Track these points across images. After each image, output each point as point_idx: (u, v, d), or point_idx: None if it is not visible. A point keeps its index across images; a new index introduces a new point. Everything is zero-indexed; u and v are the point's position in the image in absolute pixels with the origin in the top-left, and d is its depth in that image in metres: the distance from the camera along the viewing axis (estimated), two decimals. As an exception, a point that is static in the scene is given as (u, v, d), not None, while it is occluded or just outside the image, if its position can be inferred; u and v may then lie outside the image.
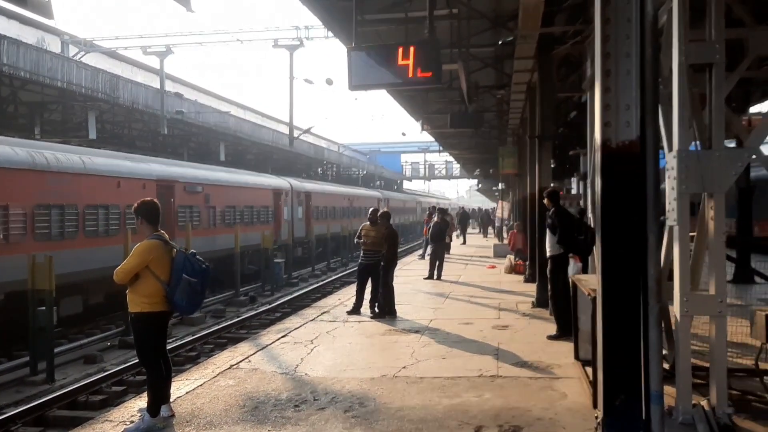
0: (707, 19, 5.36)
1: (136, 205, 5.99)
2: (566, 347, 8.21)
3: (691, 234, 5.41)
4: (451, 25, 11.76)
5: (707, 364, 5.54)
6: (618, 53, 4.31)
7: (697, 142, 5.59)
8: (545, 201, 9.97)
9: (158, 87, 24.30)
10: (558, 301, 9.44)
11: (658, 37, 5.12)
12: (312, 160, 46.71)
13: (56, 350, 12.56)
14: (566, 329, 8.88)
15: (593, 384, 5.61)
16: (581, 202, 14.15)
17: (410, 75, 8.43)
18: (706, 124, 5.40)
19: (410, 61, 8.42)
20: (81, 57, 25.12)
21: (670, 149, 5.34)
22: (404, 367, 7.74)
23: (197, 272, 5.84)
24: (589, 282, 6.34)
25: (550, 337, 9.16)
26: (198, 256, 5.98)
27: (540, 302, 11.74)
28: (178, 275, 5.76)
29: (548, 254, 9.75)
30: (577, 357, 7.59)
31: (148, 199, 6.11)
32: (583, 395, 6.33)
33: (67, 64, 18.95)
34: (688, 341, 5.25)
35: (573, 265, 11.37)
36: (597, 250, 4.52)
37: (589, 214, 11.12)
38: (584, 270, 11.48)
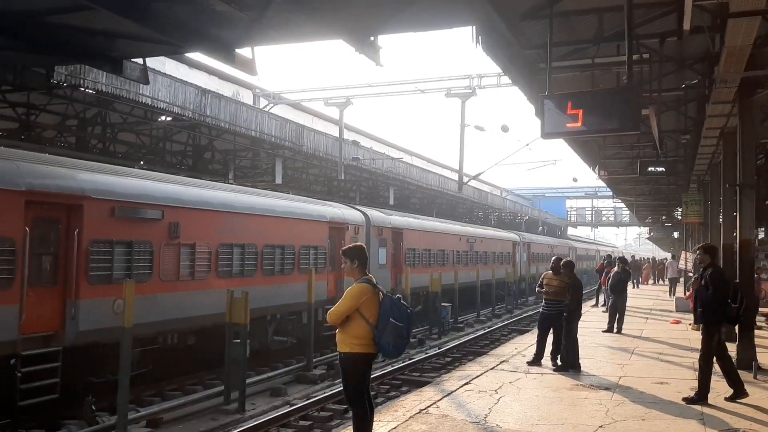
0: None
1: (347, 248, 6.28)
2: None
3: None
4: (642, 69, 11.41)
5: None
6: None
7: None
8: (699, 257, 9.26)
9: (336, 135, 25.58)
10: (713, 361, 8.67)
11: None
12: (475, 204, 46.75)
13: (246, 381, 13.33)
14: (740, 388, 8.47)
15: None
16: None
17: (604, 122, 8.34)
18: None
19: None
20: (270, 108, 27.11)
21: None
22: (601, 426, 7.40)
23: (403, 317, 6.01)
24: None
25: (727, 399, 8.55)
26: (403, 301, 6.15)
27: (741, 363, 10.77)
28: (386, 319, 5.95)
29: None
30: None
31: (359, 243, 6.39)
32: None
33: (260, 115, 20.47)
34: None
35: None
36: None
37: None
38: None
